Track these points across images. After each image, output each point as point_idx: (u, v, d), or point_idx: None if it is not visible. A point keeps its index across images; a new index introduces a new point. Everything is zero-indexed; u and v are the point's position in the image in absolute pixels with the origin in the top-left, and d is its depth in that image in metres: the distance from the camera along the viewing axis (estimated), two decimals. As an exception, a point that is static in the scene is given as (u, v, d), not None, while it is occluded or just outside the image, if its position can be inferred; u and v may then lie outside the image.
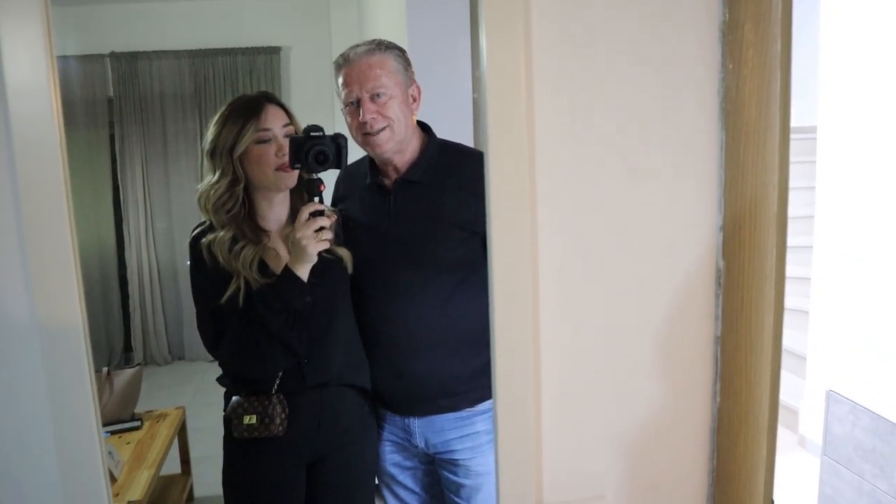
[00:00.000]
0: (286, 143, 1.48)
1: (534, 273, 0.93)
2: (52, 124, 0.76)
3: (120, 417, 2.89)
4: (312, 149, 1.43)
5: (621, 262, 0.98)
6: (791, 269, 0.95)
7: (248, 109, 1.51)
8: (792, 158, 0.93)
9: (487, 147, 0.88)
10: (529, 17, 0.89)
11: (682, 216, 0.99)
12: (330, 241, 1.47)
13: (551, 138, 0.93)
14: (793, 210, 0.95)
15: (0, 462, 0.88)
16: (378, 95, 1.51)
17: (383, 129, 1.52)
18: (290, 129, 1.53)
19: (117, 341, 5.10)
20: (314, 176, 1.46)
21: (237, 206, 1.53)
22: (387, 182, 1.62)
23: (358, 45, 1.56)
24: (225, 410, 1.59)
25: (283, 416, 1.53)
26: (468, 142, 2.29)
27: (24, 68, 0.76)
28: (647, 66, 0.95)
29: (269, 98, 1.55)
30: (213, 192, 1.52)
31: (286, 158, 1.47)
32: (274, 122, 1.51)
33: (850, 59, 2.82)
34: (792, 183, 0.93)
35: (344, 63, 1.55)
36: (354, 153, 1.62)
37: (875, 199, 2.63)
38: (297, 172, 1.51)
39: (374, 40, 1.57)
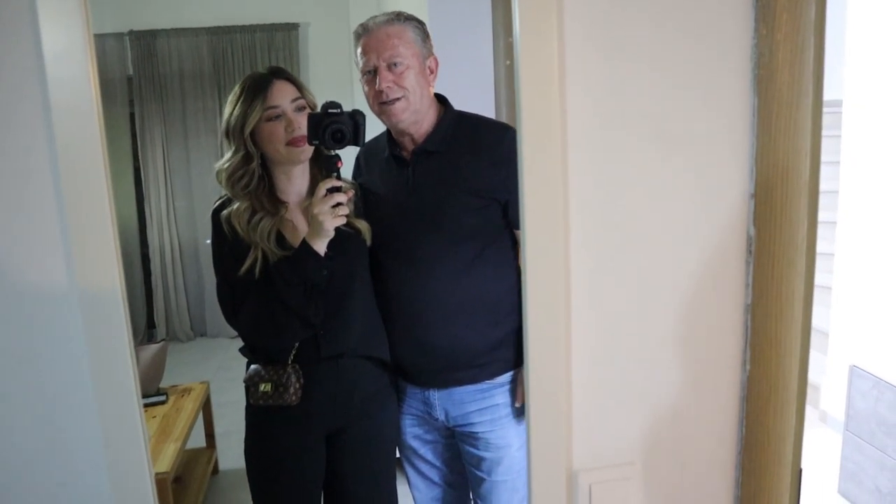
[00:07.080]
0: (296, 117, 1.50)
1: (565, 240, 0.93)
2: (90, 92, 0.76)
3: (146, 392, 2.93)
4: (330, 126, 1.43)
5: (652, 230, 0.98)
6: (815, 244, 0.95)
7: (255, 87, 1.52)
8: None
9: (520, 115, 0.88)
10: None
11: (713, 183, 0.98)
12: (347, 216, 1.48)
13: (583, 106, 0.92)
14: (818, 184, 0.95)
15: (45, 427, 0.91)
16: (395, 65, 1.52)
17: (399, 98, 1.53)
18: (301, 102, 1.54)
19: (140, 318, 5.15)
20: (332, 153, 1.47)
21: (253, 181, 1.55)
22: (404, 153, 1.63)
23: (377, 16, 1.57)
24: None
25: (298, 385, 1.56)
26: (489, 113, 2.29)
27: (61, 36, 0.76)
28: (680, 32, 0.94)
29: (277, 74, 1.56)
30: (228, 168, 1.55)
31: (296, 133, 1.50)
32: (281, 98, 1.52)
33: (878, 33, 2.77)
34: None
35: (363, 32, 1.56)
36: (374, 129, 1.62)
37: (901, 173, 2.60)
38: (310, 146, 1.52)
39: (393, 11, 1.58)
